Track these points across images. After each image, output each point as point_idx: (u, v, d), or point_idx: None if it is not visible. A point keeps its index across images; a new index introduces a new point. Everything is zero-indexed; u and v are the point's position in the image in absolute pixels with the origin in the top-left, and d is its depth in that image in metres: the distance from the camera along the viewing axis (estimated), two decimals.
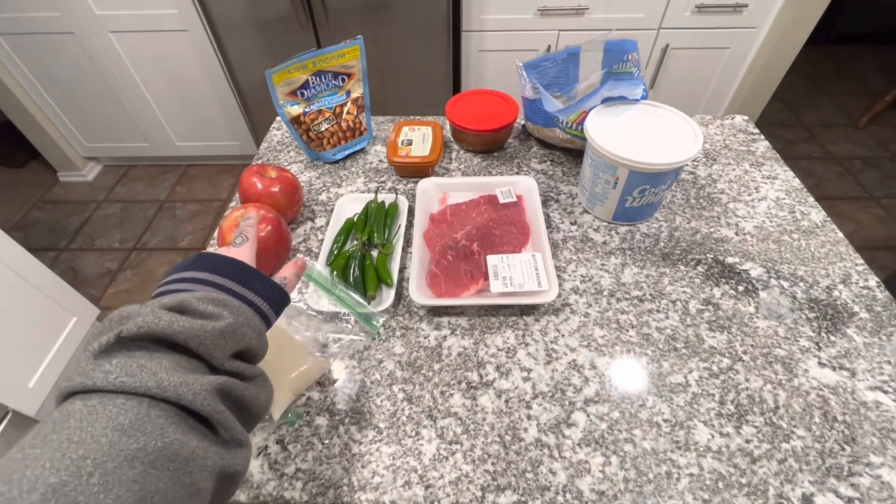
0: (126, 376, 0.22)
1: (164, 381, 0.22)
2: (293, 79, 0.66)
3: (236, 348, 0.27)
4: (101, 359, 0.23)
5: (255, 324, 0.30)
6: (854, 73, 2.54)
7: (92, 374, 0.22)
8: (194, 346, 0.25)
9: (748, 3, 1.43)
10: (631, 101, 0.62)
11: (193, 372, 0.25)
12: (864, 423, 0.45)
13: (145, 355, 0.24)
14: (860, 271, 0.57)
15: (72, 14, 1.48)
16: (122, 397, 0.22)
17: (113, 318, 0.26)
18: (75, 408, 0.21)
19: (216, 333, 0.26)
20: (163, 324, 0.24)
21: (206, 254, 0.33)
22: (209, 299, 0.28)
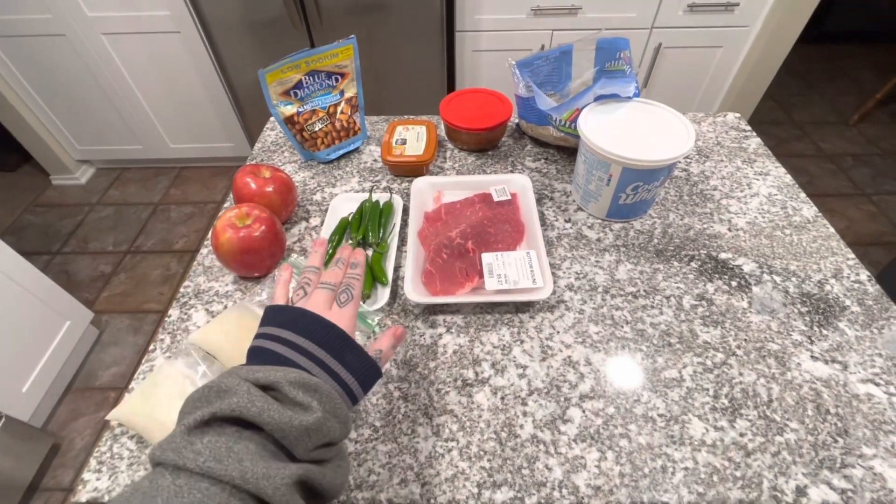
0: (213, 461, 0.23)
1: (248, 473, 0.23)
2: (286, 79, 0.66)
3: (320, 443, 0.28)
4: (193, 435, 0.24)
5: (342, 413, 0.29)
6: (845, 72, 2.56)
7: (183, 452, 0.23)
8: (279, 438, 0.26)
9: (739, 1, 1.44)
10: (623, 98, 0.62)
11: (277, 457, 0.25)
12: (856, 416, 0.45)
13: (234, 436, 0.25)
14: (851, 265, 0.58)
15: (63, 16, 1.47)
16: (206, 481, 0.22)
17: (211, 388, 0.27)
18: (164, 483, 0.22)
19: (302, 430, 0.26)
20: (254, 410, 0.25)
21: (307, 314, 0.32)
22: (300, 384, 0.27)
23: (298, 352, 0.31)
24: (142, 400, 0.44)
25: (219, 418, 0.25)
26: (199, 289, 0.58)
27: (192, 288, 0.58)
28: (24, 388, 1.18)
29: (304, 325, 0.32)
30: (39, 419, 1.25)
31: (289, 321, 0.32)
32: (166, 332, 0.53)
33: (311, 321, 0.32)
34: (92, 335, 1.44)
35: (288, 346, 0.31)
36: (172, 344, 0.52)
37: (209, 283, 0.58)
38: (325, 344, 0.31)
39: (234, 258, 0.53)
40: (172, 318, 0.55)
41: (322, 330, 0.32)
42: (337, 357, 0.31)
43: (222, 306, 0.56)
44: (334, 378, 0.31)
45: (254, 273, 0.57)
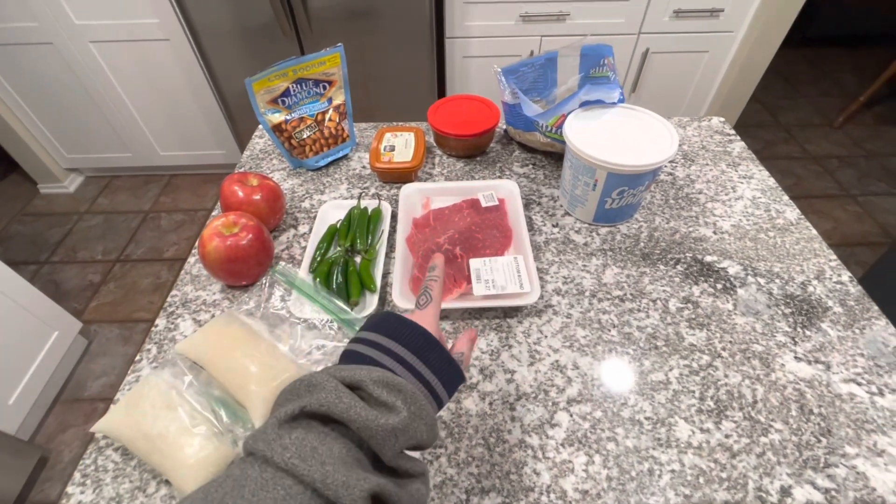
0: (298, 459, 0.23)
1: (329, 477, 0.23)
2: (274, 87, 0.66)
3: (407, 446, 0.27)
4: (283, 428, 0.25)
5: (428, 415, 0.29)
6: (828, 75, 2.60)
7: (272, 444, 0.24)
8: (366, 438, 0.26)
9: (724, 7, 1.47)
10: (608, 104, 0.63)
11: (359, 465, 0.25)
12: (839, 416, 0.46)
13: (320, 436, 0.25)
14: (833, 267, 0.59)
15: (50, 24, 1.46)
16: (290, 479, 0.23)
17: (302, 381, 0.27)
18: (253, 474, 0.23)
19: (388, 430, 0.26)
20: (342, 406, 0.25)
21: (391, 315, 0.33)
22: (384, 383, 0.27)
23: (383, 352, 0.31)
24: (127, 411, 0.43)
25: (307, 413, 0.26)
26: (187, 298, 0.57)
27: (179, 297, 0.57)
28: (10, 401, 1.16)
29: (387, 326, 0.32)
30: (27, 432, 1.23)
31: (375, 324, 0.33)
32: (153, 342, 0.53)
33: (394, 322, 0.32)
34: (80, 345, 1.42)
35: (372, 347, 0.31)
36: (159, 354, 0.52)
37: (196, 292, 0.58)
38: (408, 343, 0.31)
39: (221, 267, 0.53)
40: (159, 327, 0.54)
41: (404, 329, 0.32)
42: (420, 357, 0.31)
43: (210, 315, 0.55)
44: (419, 378, 0.30)
45: (241, 282, 0.56)
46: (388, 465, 0.27)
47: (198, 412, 0.43)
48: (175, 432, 0.41)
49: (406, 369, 0.30)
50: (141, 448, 0.42)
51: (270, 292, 0.56)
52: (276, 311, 0.54)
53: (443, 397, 0.32)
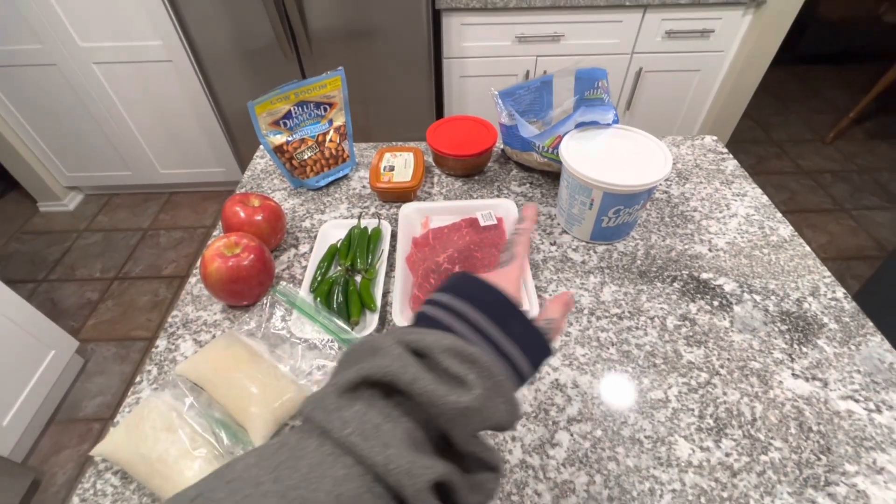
0: (359, 436, 0.21)
1: (392, 462, 0.21)
2: (275, 109, 0.67)
3: (482, 427, 0.24)
4: (343, 398, 0.23)
5: (506, 392, 0.24)
6: (818, 92, 2.66)
7: (332, 415, 0.22)
8: (434, 416, 0.23)
9: (714, 28, 1.51)
10: (603, 125, 0.65)
11: (425, 447, 0.23)
12: (837, 433, 0.46)
13: (384, 412, 0.22)
14: (828, 283, 0.60)
15: (55, 46, 1.49)
16: (350, 458, 0.21)
17: (365, 344, 0.25)
18: (310, 447, 0.21)
19: (458, 410, 0.22)
20: (407, 377, 0.22)
21: (467, 276, 0.29)
22: (455, 352, 0.24)
23: (456, 317, 0.27)
24: (127, 434, 0.43)
25: (370, 382, 0.23)
26: (188, 318, 0.58)
27: (180, 317, 0.58)
28: (4, 422, 1.15)
29: (464, 287, 0.28)
30: (20, 453, 1.21)
31: (451, 284, 0.29)
32: (153, 363, 0.53)
33: (471, 283, 0.28)
34: (77, 364, 1.41)
35: (445, 310, 0.27)
36: (160, 375, 0.52)
37: (197, 313, 0.58)
38: (486, 309, 0.27)
39: (222, 287, 0.54)
40: (160, 348, 0.54)
41: (482, 293, 0.27)
42: (500, 325, 0.26)
43: (210, 336, 0.55)
44: (497, 350, 0.26)
45: (242, 302, 0.57)
46: (459, 448, 0.24)
47: (198, 434, 0.43)
48: (175, 455, 0.41)
49: (482, 338, 0.26)
50: (141, 472, 0.41)
51: (271, 312, 0.57)
52: (276, 332, 0.55)
53: (525, 372, 0.27)
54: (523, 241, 0.33)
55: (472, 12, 1.44)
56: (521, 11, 1.44)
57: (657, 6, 1.45)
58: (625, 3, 1.42)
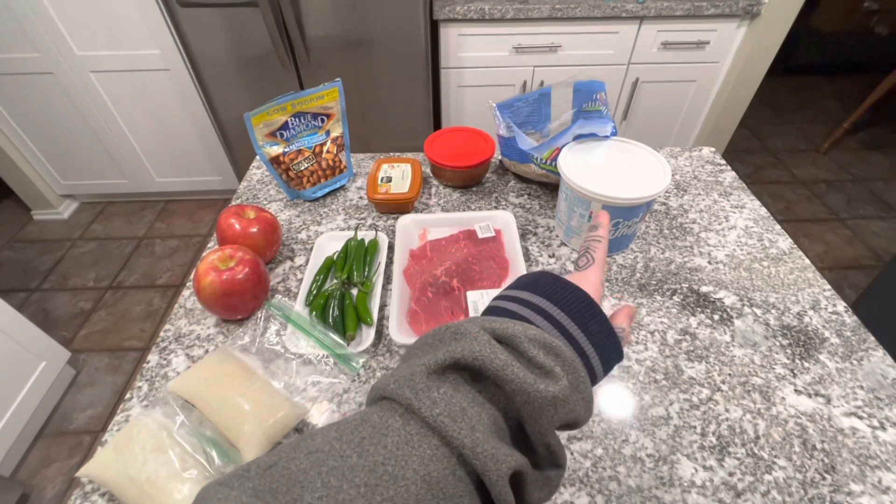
0: (447, 417, 0.21)
1: (479, 446, 0.20)
2: (272, 120, 0.67)
3: (565, 420, 0.24)
4: (432, 379, 0.22)
5: (586, 389, 0.25)
6: (812, 102, 2.69)
7: (421, 394, 0.21)
8: (519, 404, 0.23)
9: (710, 39, 1.52)
10: (601, 137, 0.64)
11: (505, 435, 0.23)
12: (842, 451, 0.45)
13: (469, 397, 0.22)
14: (828, 297, 0.59)
15: (52, 55, 1.48)
16: (437, 439, 0.21)
17: (448, 329, 0.24)
18: (395, 424, 0.21)
19: (548, 399, 0.22)
20: (497, 363, 0.22)
21: (547, 274, 0.29)
22: (542, 343, 0.24)
23: (536, 311, 0.27)
24: (115, 455, 0.42)
25: (459, 367, 0.23)
26: (180, 332, 0.56)
27: (172, 331, 0.57)
28: None
29: (543, 285, 0.28)
30: (8, 467, 1.19)
31: (527, 283, 0.29)
32: (144, 380, 0.52)
33: (550, 281, 0.28)
34: (68, 375, 1.39)
35: (523, 305, 0.27)
36: (150, 392, 0.51)
37: (190, 327, 0.57)
38: (566, 307, 0.27)
39: (216, 301, 0.53)
40: (151, 363, 0.53)
41: (562, 291, 0.27)
42: (579, 323, 0.27)
43: (203, 350, 0.54)
44: (576, 348, 0.26)
45: (236, 316, 0.56)
46: (535, 439, 0.24)
47: (189, 455, 0.42)
48: (165, 477, 0.40)
49: (562, 334, 0.26)
50: (129, 494, 0.40)
51: (266, 326, 0.56)
52: (271, 347, 0.54)
53: (598, 374, 0.27)
54: (601, 247, 0.33)
55: (470, 23, 1.45)
56: (519, 22, 1.45)
57: (653, 18, 1.46)
58: (621, 15, 1.44)
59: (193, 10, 1.32)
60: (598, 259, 0.32)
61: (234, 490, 0.17)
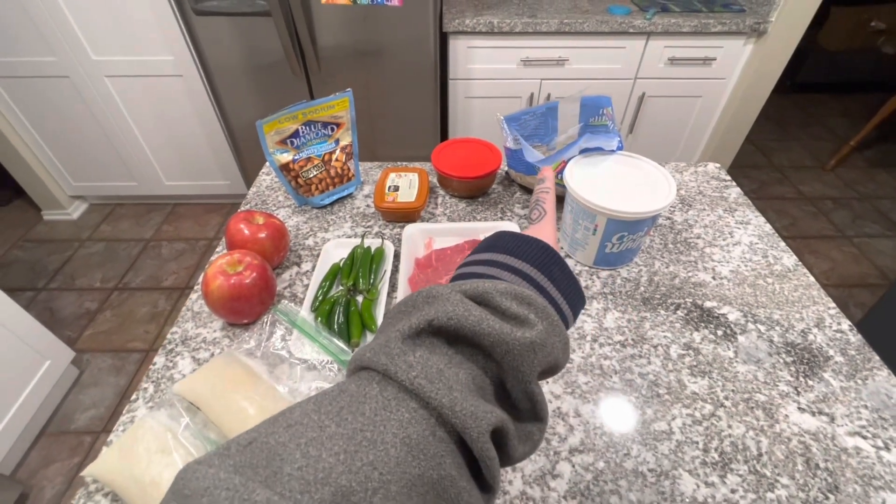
0: (424, 379, 0.21)
1: (457, 404, 0.21)
2: (283, 128, 0.68)
3: (546, 363, 0.24)
4: (406, 344, 0.22)
5: (561, 331, 0.25)
6: (818, 119, 2.69)
7: (396, 359, 0.22)
8: (499, 355, 0.23)
9: (716, 56, 1.54)
10: (607, 151, 0.65)
11: (484, 393, 0.23)
12: (845, 471, 0.45)
13: (445, 358, 0.23)
14: (833, 315, 0.59)
15: (68, 59, 1.52)
16: (415, 401, 0.21)
17: (419, 295, 0.25)
18: (372, 391, 0.21)
19: (526, 345, 0.23)
20: (472, 319, 0.22)
21: (504, 232, 0.30)
22: (513, 295, 0.24)
23: (502, 268, 0.28)
24: (120, 455, 0.42)
25: (434, 328, 0.23)
26: (187, 335, 0.57)
27: (179, 334, 0.57)
28: None
29: (503, 243, 0.29)
30: (9, 465, 1.19)
31: (488, 244, 0.30)
32: (150, 381, 0.52)
33: (509, 238, 0.29)
34: (71, 375, 1.39)
35: (488, 265, 0.28)
36: (156, 393, 0.51)
37: (197, 330, 0.58)
38: (529, 258, 0.28)
39: (223, 305, 0.53)
40: (157, 365, 0.54)
41: (522, 244, 0.28)
42: (544, 272, 0.27)
43: (209, 353, 0.55)
44: (544, 295, 0.27)
45: (243, 320, 0.56)
46: (516, 392, 0.24)
47: (193, 457, 0.42)
48: (169, 479, 0.40)
49: (530, 284, 0.27)
50: (132, 495, 0.40)
51: (271, 331, 0.56)
52: (276, 351, 0.54)
53: (569, 317, 0.28)
54: (549, 198, 0.34)
55: (479, 35, 1.47)
56: (527, 36, 1.47)
57: (660, 34, 1.48)
58: (628, 31, 1.45)
59: (208, 18, 1.34)
60: (549, 210, 0.34)
61: (214, 468, 0.17)
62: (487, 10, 1.50)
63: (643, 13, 1.48)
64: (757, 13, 1.51)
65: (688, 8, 1.52)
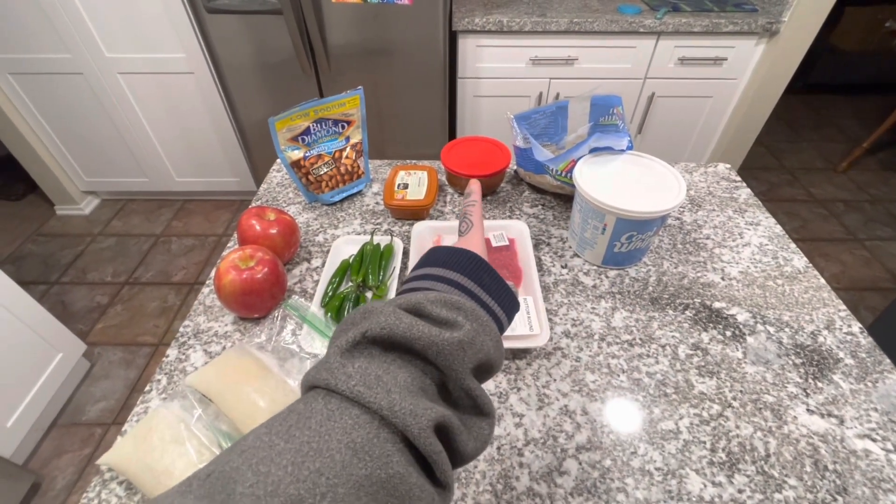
0: (363, 386, 0.22)
1: (396, 405, 0.22)
2: (295, 125, 0.69)
3: (477, 360, 0.26)
4: (345, 357, 0.24)
5: (492, 331, 0.28)
6: (830, 121, 2.66)
7: (336, 373, 0.23)
8: (433, 356, 0.25)
9: (727, 56, 1.52)
10: (617, 151, 0.65)
11: (425, 393, 0.25)
12: (854, 473, 0.45)
13: (383, 364, 0.24)
14: (843, 317, 0.59)
15: (82, 56, 1.54)
16: (357, 408, 0.22)
17: (358, 312, 0.27)
18: (317, 406, 0.22)
19: (454, 344, 0.25)
20: (403, 326, 0.24)
21: (437, 248, 0.33)
22: (443, 302, 0.27)
23: (435, 280, 0.30)
24: (134, 444, 0.43)
25: (369, 339, 0.25)
26: (199, 328, 0.58)
27: (191, 327, 0.58)
28: (9, 423, 1.15)
29: (435, 257, 0.32)
30: (22, 455, 1.21)
31: (423, 261, 0.32)
32: (163, 373, 0.53)
33: (441, 252, 0.32)
34: (83, 368, 1.42)
35: (423, 279, 0.30)
36: (169, 385, 0.52)
37: (209, 323, 0.58)
38: (459, 268, 0.30)
39: (235, 299, 0.54)
40: (170, 357, 0.55)
41: (452, 256, 0.31)
42: (474, 279, 0.30)
43: (221, 347, 0.56)
44: (475, 300, 0.29)
45: (254, 314, 0.57)
46: (456, 391, 0.26)
47: (205, 447, 0.43)
48: (182, 468, 0.41)
49: (462, 292, 0.29)
50: (146, 483, 0.41)
51: (282, 326, 0.57)
52: (286, 346, 0.55)
53: (502, 319, 0.31)
54: (476, 210, 0.37)
55: (488, 34, 1.47)
56: (536, 35, 1.47)
57: (671, 33, 1.47)
58: (638, 30, 1.45)
59: (220, 17, 1.36)
60: (476, 222, 0.36)
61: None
62: (497, 9, 1.50)
63: (653, 12, 1.47)
64: (769, 13, 1.49)
65: (699, 7, 1.51)
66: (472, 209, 0.37)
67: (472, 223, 0.36)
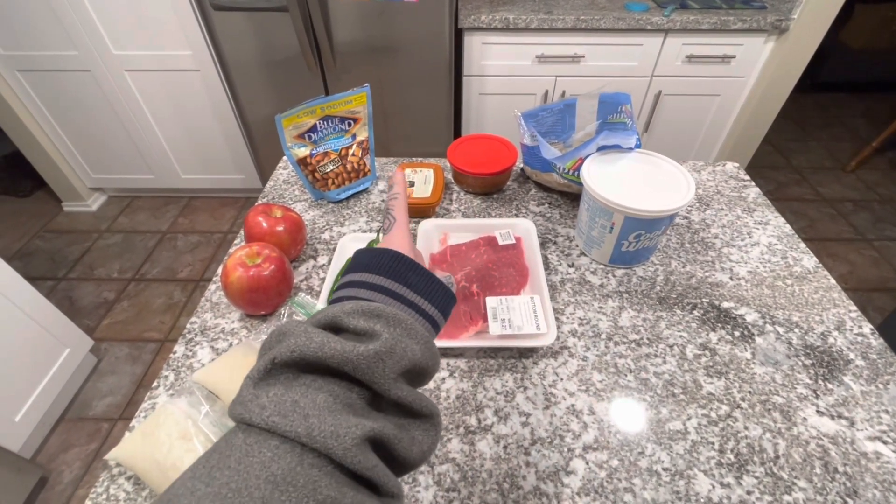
0: (278, 416, 0.22)
1: (315, 429, 0.21)
2: (301, 123, 0.69)
3: (400, 368, 0.25)
4: (259, 388, 0.23)
5: (418, 334, 0.27)
6: (838, 120, 2.63)
7: (249, 406, 0.22)
8: (350, 371, 0.24)
9: (736, 54, 1.51)
10: (625, 149, 0.65)
11: (351, 409, 0.23)
12: (865, 475, 0.44)
13: (301, 387, 0.23)
14: (854, 318, 0.58)
15: (90, 53, 1.54)
16: (276, 439, 0.21)
17: (272, 334, 0.26)
18: (237, 442, 0.22)
19: (370, 356, 0.24)
20: (314, 346, 0.23)
21: (361, 250, 0.31)
22: (359, 312, 0.26)
23: (357, 286, 0.29)
24: (142, 440, 0.43)
25: (280, 364, 0.24)
26: (206, 325, 0.58)
27: (198, 324, 0.58)
28: (16, 418, 1.16)
29: (358, 261, 0.31)
30: (29, 449, 1.23)
31: (350, 267, 0.31)
32: (170, 369, 0.53)
33: (363, 255, 0.31)
34: (90, 363, 1.43)
35: (347, 287, 0.29)
36: (176, 381, 0.52)
37: (216, 320, 0.59)
38: (382, 270, 0.29)
39: (242, 296, 0.54)
40: (177, 354, 0.55)
41: (376, 258, 0.30)
42: (399, 279, 0.29)
43: (227, 343, 0.56)
44: (403, 302, 0.28)
45: (260, 311, 0.57)
46: (390, 400, 0.25)
47: (211, 443, 0.43)
48: (189, 464, 0.41)
49: (386, 296, 0.28)
50: (154, 478, 0.42)
51: None
52: None
53: (437, 319, 0.30)
54: (399, 205, 0.35)
55: (494, 32, 1.46)
56: (543, 32, 1.46)
57: (678, 31, 1.46)
58: (646, 28, 1.44)
59: (226, 14, 1.36)
60: (399, 217, 0.35)
61: None
62: (503, 6, 1.49)
63: (661, 10, 1.46)
64: (779, 10, 1.48)
65: (707, 5, 1.50)
66: (394, 203, 0.35)
67: (395, 219, 0.34)
